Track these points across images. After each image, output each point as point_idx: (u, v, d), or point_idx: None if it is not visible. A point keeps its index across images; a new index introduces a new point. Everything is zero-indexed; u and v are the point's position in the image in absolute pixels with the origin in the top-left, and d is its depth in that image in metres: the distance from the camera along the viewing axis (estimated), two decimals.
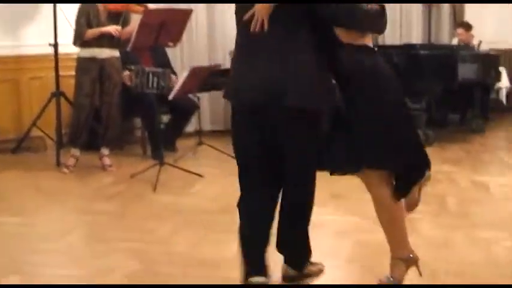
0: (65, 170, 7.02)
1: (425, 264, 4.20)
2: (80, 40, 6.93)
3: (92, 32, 6.87)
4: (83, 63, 7.01)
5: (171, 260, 4.34)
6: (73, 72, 7.12)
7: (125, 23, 7.04)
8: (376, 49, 3.81)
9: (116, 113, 7.17)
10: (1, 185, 6.57)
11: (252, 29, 3.33)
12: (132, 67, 7.34)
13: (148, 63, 7.64)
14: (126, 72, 7.36)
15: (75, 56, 7.12)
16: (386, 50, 9.32)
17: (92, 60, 6.96)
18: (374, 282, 3.92)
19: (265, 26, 3.33)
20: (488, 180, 6.58)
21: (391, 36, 10.80)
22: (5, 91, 8.00)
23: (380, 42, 10.56)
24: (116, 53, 7.09)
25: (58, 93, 7.37)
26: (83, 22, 6.89)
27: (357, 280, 4.07)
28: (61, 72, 7.36)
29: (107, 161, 7.17)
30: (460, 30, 10.43)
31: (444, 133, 9.16)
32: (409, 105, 8.47)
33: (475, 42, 10.33)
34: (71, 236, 4.93)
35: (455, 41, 10.65)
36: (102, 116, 7.17)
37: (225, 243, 4.62)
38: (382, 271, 4.08)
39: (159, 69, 7.37)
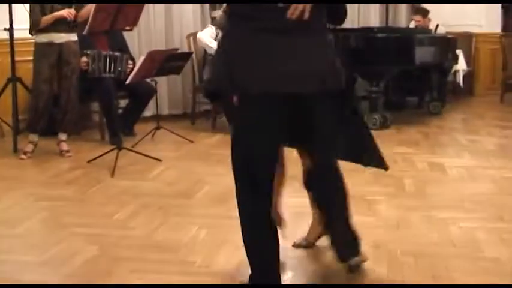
0: (23, 156, 6.96)
1: (383, 245, 4.27)
2: (35, 28, 6.87)
3: (46, 19, 6.81)
4: (40, 49, 6.94)
5: (129, 245, 4.33)
6: (29, 57, 7.05)
7: (79, 7, 6.98)
8: None
9: (74, 98, 7.12)
10: None
11: (289, 16, 3.22)
12: (88, 52, 7.30)
13: (104, 47, 7.61)
14: (83, 58, 7.33)
15: (31, 41, 7.05)
16: (345, 33, 9.36)
17: (50, 45, 6.89)
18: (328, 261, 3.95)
19: (307, 15, 3.21)
20: (445, 161, 6.65)
21: (349, 19, 10.80)
22: None
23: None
24: (73, 37, 7.03)
25: (14, 79, 7.28)
26: (37, 10, 6.83)
27: (313, 260, 4.08)
28: (17, 58, 7.27)
29: (65, 146, 7.12)
30: (417, 17, 10.51)
31: (402, 115, 9.24)
32: (368, 88, 8.59)
33: (432, 26, 10.42)
34: (29, 222, 4.89)
35: (412, 25, 10.74)
36: (61, 102, 7.11)
37: (183, 227, 4.63)
38: None
39: (117, 54, 7.35)
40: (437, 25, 10.45)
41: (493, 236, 4.48)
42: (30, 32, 6.95)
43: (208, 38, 8.14)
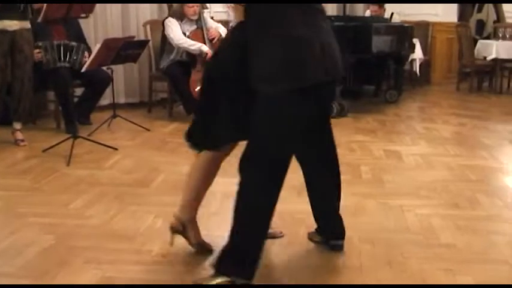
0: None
1: None
2: None
3: None
4: None
5: (86, 234, 4.30)
6: None
7: None
8: None
9: (28, 86, 7.03)
10: None
11: None
12: (40, 43, 7.21)
13: (61, 36, 7.53)
14: (36, 50, 7.25)
15: None
16: None
17: (3, 33, 6.79)
18: (286, 249, 3.95)
19: None
20: (401, 149, 6.70)
21: None
22: None
23: None
24: (26, 25, 6.93)
25: None
26: None
27: (270, 247, 4.08)
28: None
29: (19, 135, 7.04)
30: (373, 8, 10.55)
31: (359, 104, 9.29)
32: None
33: (387, 15, 10.47)
34: None
35: (367, 14, 10.78)
36: (14, 90, 7.02)
37: (140, 216, 4.61)
38: (295, 240, 4.13)
39: (73, 43, 7.27)
40: (392, 13, 10.50)
41: (448, 222, 4.52)
42: None
43: (182, 36, 8.06)
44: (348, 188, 5.23)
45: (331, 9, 11.39)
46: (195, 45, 7.95)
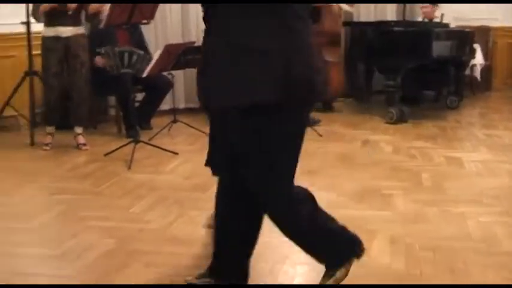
0: (46, 147, 7.02)
1: (400, 239, 4.25)
2: (35, 14, 6.91)
3: (44, 6, 6.81)
4: (47, 43, 6.95)
5: (145, 238, 4.33)
6: None
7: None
8: None
9: (85, 91, 7.13)
10: None
11: None
12: (102, 50, 7.29)
13: (125, 41, 7.62)
14: (98, 57, 7.35)
15: None
16: (361, 27, 9.33)
17: (57, 39, 6.90)
18: None
19: None
20: (462, 156, 6.61)
21: (366, 13, 10.81)
22: None
23: (355, 18, 10.58)
24: (80, 31, 7.03)
25: (31, 73, 7.29)
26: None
27: None
28: (34, 51, 7.28)
29: (81, 139, 7.13)
30: (425, 7, 10.37)
31: (419, 110, 9.19)
32: (385, 82, 8.56)
33: (437, 14, 10.30)
34: (45, 215, 4.90)
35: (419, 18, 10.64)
36: (72, 96, 7.12)
37: (199, 221, 4.61)
38: None
39: (139, 52, 7.33)
40: (442, 14, 10.34)
41: (510, 230, 4.45)
42: (33, 18, 7.01)
43: None
44: (408, 195, 5.21)
45: (390, 13, 11.28)
46: None
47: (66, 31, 6.91)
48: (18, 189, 5.63)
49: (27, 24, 7.11)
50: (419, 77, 9.48)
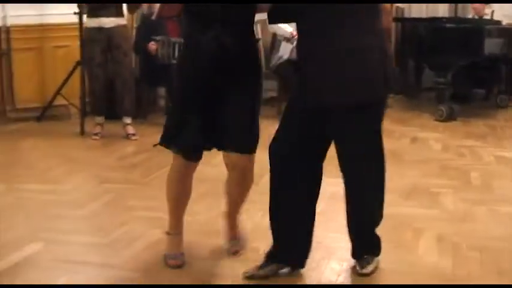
0: (95, 137, 7.10)
1: (447, 238, 4.22)
2: (79, 6, 7.03)
3: None
4: (91, 34, 7.04)
5: (193, 229, 4.34)
6: None
7: None
8: None
9: (130, 82, 7.20)
10: (26, 153, 6.63)
11: None
12: (158, 38, 7.34)
13: (175, 32, 7.64)
14: (152, 43, 7.40)
15: None
16: (413, 23, 9.27)
17: (99, 30, 6.98)
18: (392, 254, 3.92)
19: None
20: None
21: (417, 9, 10.73)
22: (29, 60, 8.01)
23: (406, 14, 10.51)
24: (122, 21, 7.12)
25: (82, 62, 7.37)
26: None
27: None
28: None
29: (131, 129, 7.19)
30: (474, 5, 10.25)
31: (469, 108, 9.10)
32: (435, 79, 8.49)
33: (487, 11, 10.17)
34: (94, 204, 4.96)
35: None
36: (117, 86, 7.19)
37: (247, 213, 4.62)
38: (402, 244, 4.10)
39: None
40: (493, 11, 10.20)
41: None
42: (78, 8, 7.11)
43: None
44: (456, 193, 5.18)
45: (442, 10, 11.19)
46: (283, 28, 8.05)
47: (108, 22, 6.98)
48: (68, 177, 5.71)
49: (80, 14, 7.17)
50: (470, 74, 9.39)
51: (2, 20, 7.85)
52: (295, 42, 7.62)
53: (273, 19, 3.74)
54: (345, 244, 3.83)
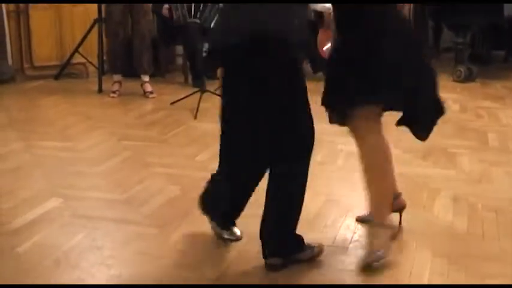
0: (113, 94, 7.13)
1: (463, 198, 4.22)
2: None
3: None
4: None
5: None
6: None
7: None
8: None
9: (148, 40, 7.19)
10: (44, 110, 6.67)
11: None
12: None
13: None
14: (165, 6, 7.38)
15: None
16: None
17: None
18: (408, 213, 3.93)
19: None
20: None
21: None
22: (47, 18, 8.01)
23: None
24: None
25: (100, 20, 7.37)
26: None
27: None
28: None
29: (148, 87, 7.20)
30: None
31: (487, 69, 9.03)
32: (454, 39, 8.43)
33: None
34: (112, 161, 5.00)
35: None
36: (135, 45, 7.18)
37: None
38: (418, 204, 4.12)
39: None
40: None
41: None
42: None
43: None
44: (474, 154, 5.17)
45: None
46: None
47: None
48: (86, 134, 5.74)
49: None
50: (489, 36, 9.33)
51: None
52: None
53: None
54: (360, 202, 3.85)
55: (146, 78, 7.25)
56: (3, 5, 7.74)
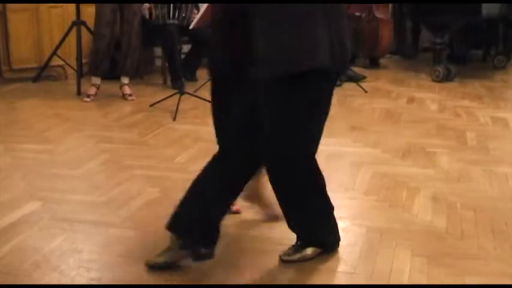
0: (87, 99, 7.06)
1: (442, 197, 4.25)
2: None
3: None
4: None
5: None
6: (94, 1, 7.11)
7: None
8: None
9: (135, 42, 7.16)
10: (23, 113, 6.63)
11: None
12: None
13: None
14: (146, 5, 7.36)
15: None
16: None
17: None
18: (387, 212, 3.95)
19: None
20: (508, 116, 6.53)
21: None
22: (25, 20, 7.96)
23: None
24: None
25: (79, 22, 7.35)
26: None
27: (371, 210, 4.09)
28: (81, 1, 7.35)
29: (127, 90, 7.19)
30: None
31: (466, 69, 9.09)
32: (432, 39, 8.47)
33: None
34: (91, 164, 4.98)
35: None
36: (122, 45, 7.16)
37: None
38: (397, 203, 4.14)
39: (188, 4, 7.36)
40: None
41: None
42: None
43: None
44: (452, 153, 5.20)
45: None
46: None
47: None
48: (65, 137, 5.72)
49: None
50: (467, 35, 9.38)
51: None
52: None
53: None
54: (339, 202, 3.86)
55: (126, 80, 7.22)
56: None
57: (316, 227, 3.47)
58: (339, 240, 3.53)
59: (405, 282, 3.20)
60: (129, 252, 3.51)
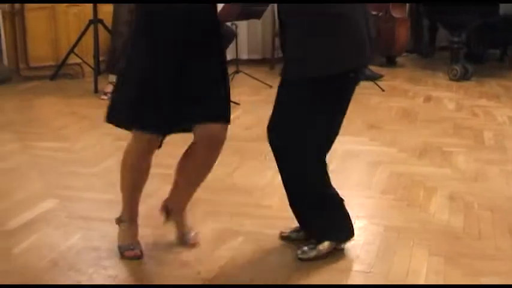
0: (104, 96, 7.07)
1: (459, 197, 4.23)
2: None
3: None
4: None
5: (205, 186, 4.33)
6: None
7: None
8: None
9: None
10: (40, 111, 6.66)
11: None
12: None
13: None
14: None
15: None
16: None
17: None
18: (404, 212, 3.94)
19: None
20: None
21: None
22: (42, 18, 8.00)
23: None
24: None
25: (96, 21, 7.36)
26: None
27: (388, 209, 4.08)
28: None
29: None
30: None
31: (483, 68, 9.04)
32: (450, 38, 8.43)
33: None
34: (108, 161, 4.98)
35: None
36: None
37: (259, 171, 4.66)
38: (414, 202, 4.13)
39: None
40: None
41: None
42: None
43: None
44: (470, 153, 5.18)
45: None
46: None
47: None
48: (82, 135, 5.74)
49: None
50: (485, 34, 9.33)
51: None
52: None
53: None
54: (356, 201, 3.86)
55: None
56: None
57: (328, 221, 3.48)
58: (353, 229, 3.52)
59: (422, 282, 3.19)
60: (146, 250, 3.52)
